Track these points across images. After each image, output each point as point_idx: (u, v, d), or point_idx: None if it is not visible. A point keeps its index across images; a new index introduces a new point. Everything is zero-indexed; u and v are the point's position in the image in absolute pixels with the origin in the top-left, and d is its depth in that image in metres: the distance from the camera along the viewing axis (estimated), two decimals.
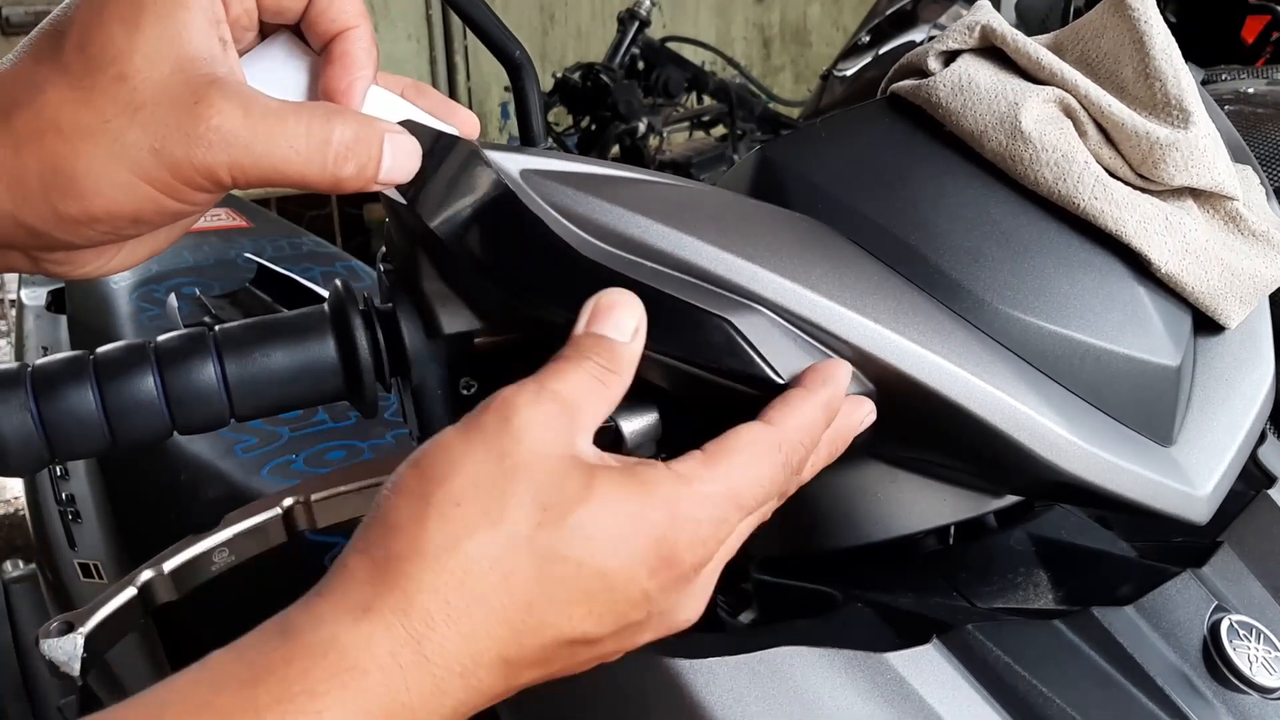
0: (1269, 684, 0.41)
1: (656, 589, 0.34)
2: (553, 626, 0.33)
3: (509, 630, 0.32)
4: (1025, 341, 0.42)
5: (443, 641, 0.31)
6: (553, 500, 0.33)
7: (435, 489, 0.33)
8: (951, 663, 0.41)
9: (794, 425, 0.37)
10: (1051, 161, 0.42)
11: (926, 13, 2.00)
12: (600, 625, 0.34)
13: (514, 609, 0.32)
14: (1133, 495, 0.42)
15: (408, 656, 0.31)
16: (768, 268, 0.39)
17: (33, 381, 0.39)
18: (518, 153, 0.41)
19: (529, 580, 0.32)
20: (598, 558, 0.33)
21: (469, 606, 0.32)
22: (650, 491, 0.34)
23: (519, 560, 0.32)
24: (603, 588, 0.33)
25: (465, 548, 0.32)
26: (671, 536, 0.34)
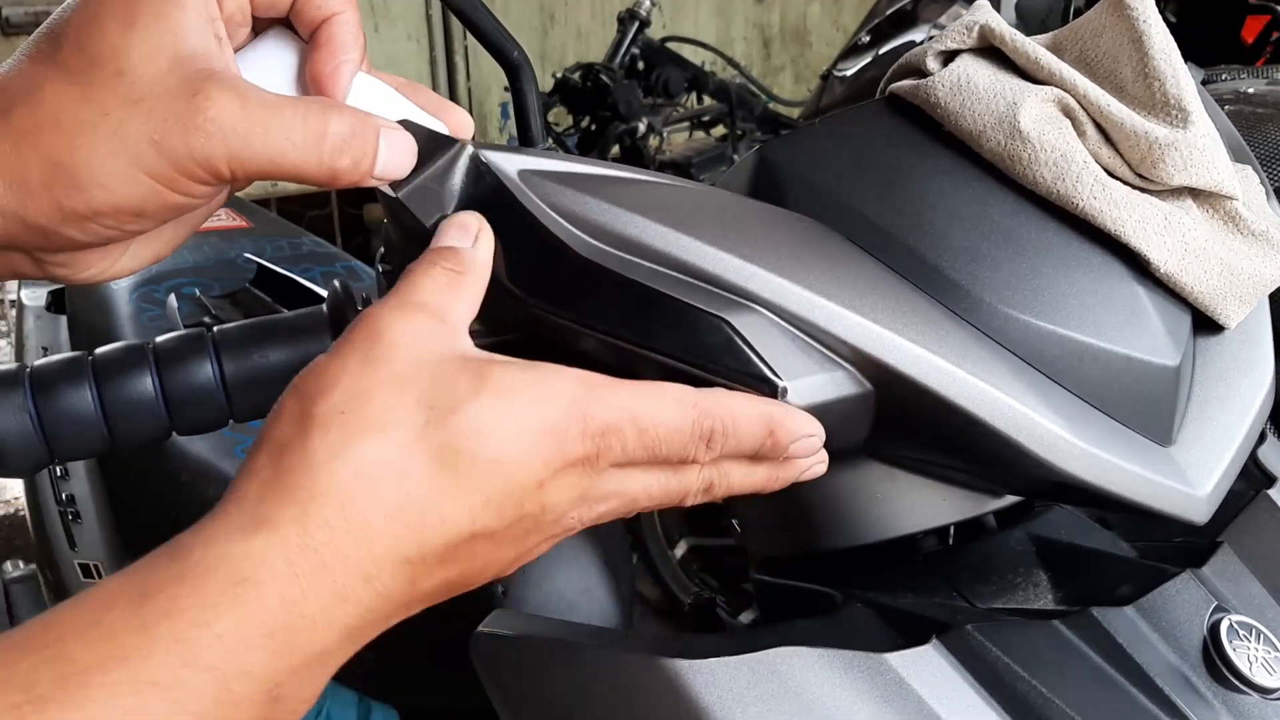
0: (1269, 684, 0.41)
1: (551, 480, 0.34)
2: (452, 521, 0.33)
3: (408, 529, 0.32)
4: (1024, 341, 0.42)
5: (341, 547, 0.31)
6: (441, 400, 0.33)
7: (316, 403, 0.33)
8: (951, 663, 0.41)
9: (723, 404, 0.37)
10: (1050, 161, 0.42)
11: (926, 13, 2.00)
12: (500, 517, 0.33)
13: (411, 506, 0.32)
14: (1132, 495, 0.42)
15: (304, 565, 0.30)
16: (766, 268, 0.39)
17: (32, 382, 0.39)
18: (515, 153, 0.41)
19: (424, 476, 0.32)
20: (492, 448, 0.33)
21: (365, 509, 0.31)
22: (549, 383, 0.34)
23: (412, 458, 0.32)
24: (500, 478, 0.33)
25: (354, 452, 0.32)
26: (565, 427, 0.34)
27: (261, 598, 0.29)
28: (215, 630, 0.29)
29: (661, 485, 0.38)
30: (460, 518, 0.33)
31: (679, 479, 0.38)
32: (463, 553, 0.34)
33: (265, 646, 0.29)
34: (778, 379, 0.38)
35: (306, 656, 0.31)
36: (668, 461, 0.37)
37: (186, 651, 0.28)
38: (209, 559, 0.30)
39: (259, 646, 0.29)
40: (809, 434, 0.38)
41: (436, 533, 0.32)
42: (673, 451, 0.36)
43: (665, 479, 0.38)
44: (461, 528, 0.33)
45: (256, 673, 0.29)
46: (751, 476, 0.39)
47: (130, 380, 0.40)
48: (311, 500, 0.31)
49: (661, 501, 0.38)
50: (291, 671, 0.30)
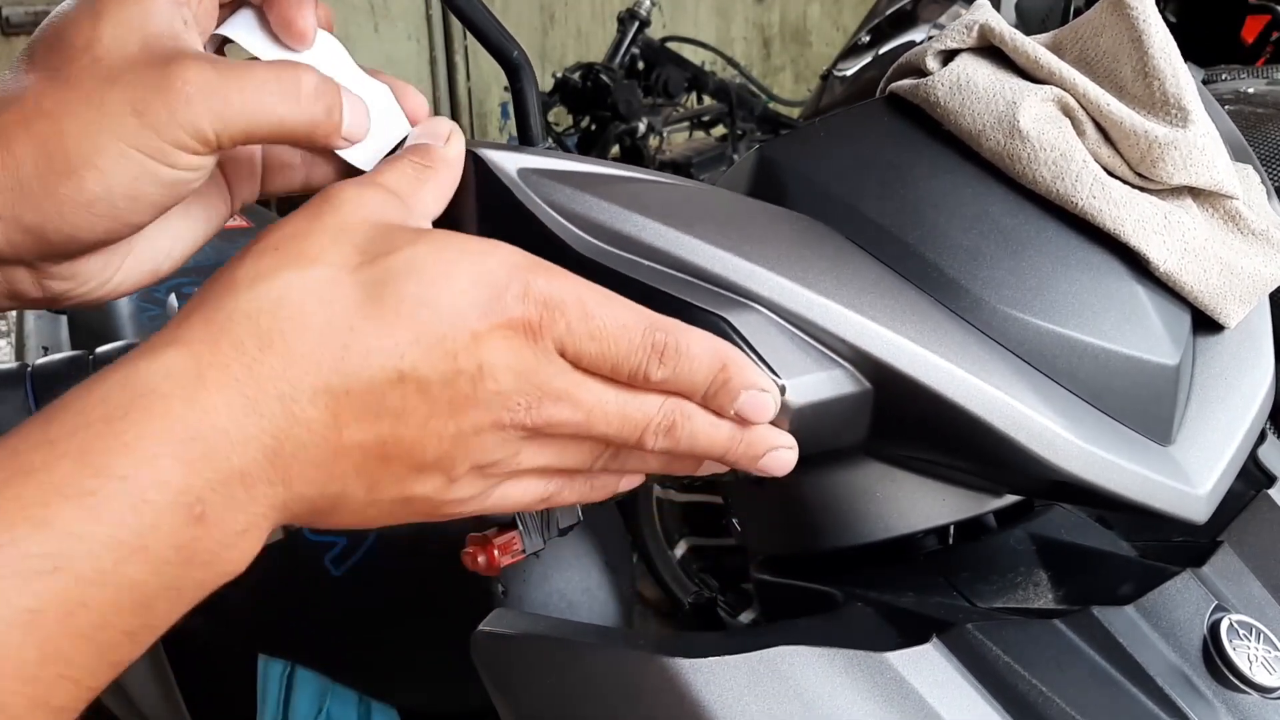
0: (1269, 683, 0.41)
1: (488, 335, 0.33)
2: (378, 354, 0.31)
3: (330, 355, 0.31)
4: (1023, 340, 0.42)
5: (253, 364, 0.30)
6: (377, 245, 0.33)
7: (252, 246, 0.33)
8: (951, 662, 0.41)
9: (676, 325, 0.36)
10: (1050, 160, 0.42)
11: (926, 13, 2.00)
12: (430, 362, 0.32)
13: (335, 331, 0.31)
14: (1131, 494, 0.42)
15: (214, 377, 0.29)
16: (765, 266, 0.39)
17: (33, 381, 0.39)
18: (515, 152, 0.41)
19: (351, 306, 0.31)
20: (424, 287, 0.32)
21: (285, 330, 0.30)
22: (495, 247, 0.34)
23: (340, 288, 0.31)
24: (430, 317, 0.32)
25: (280, 279, 0.31)
26: (505, 284, 0.33)
27: (169, 408, 0.29)
28: (123, 439, 0.28)
29: (618, 406, 0.36)
30: (387, 351, 0.31)
31: (638, 404, 0.36)
32: (392, 399, 0.32)
33: (178, 455, 0.28)
34: (777, 377, 0.38)
35: (224, 472, 0.29)
36: (618, 371, 0.35)
37: (96, 461, 0.27)
38: (117, 377, 0.29)
39: (171, 455, 0.28)
40: (761, 388, 0.37)
41: (360, 364, 0.31)
42: (622, 354, 0.35)
43: (622, 399, 0.36)
44: (388, 364, 0.31)
45: (173, 483, 0.28)
46: (716, 430, 0.37)
47: None
48: (228, 320, 0.30)
49: (620, 429, 0.36)
50: (210, 487, 0.29)
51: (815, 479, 0.48)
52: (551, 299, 0.34)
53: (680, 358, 0.36)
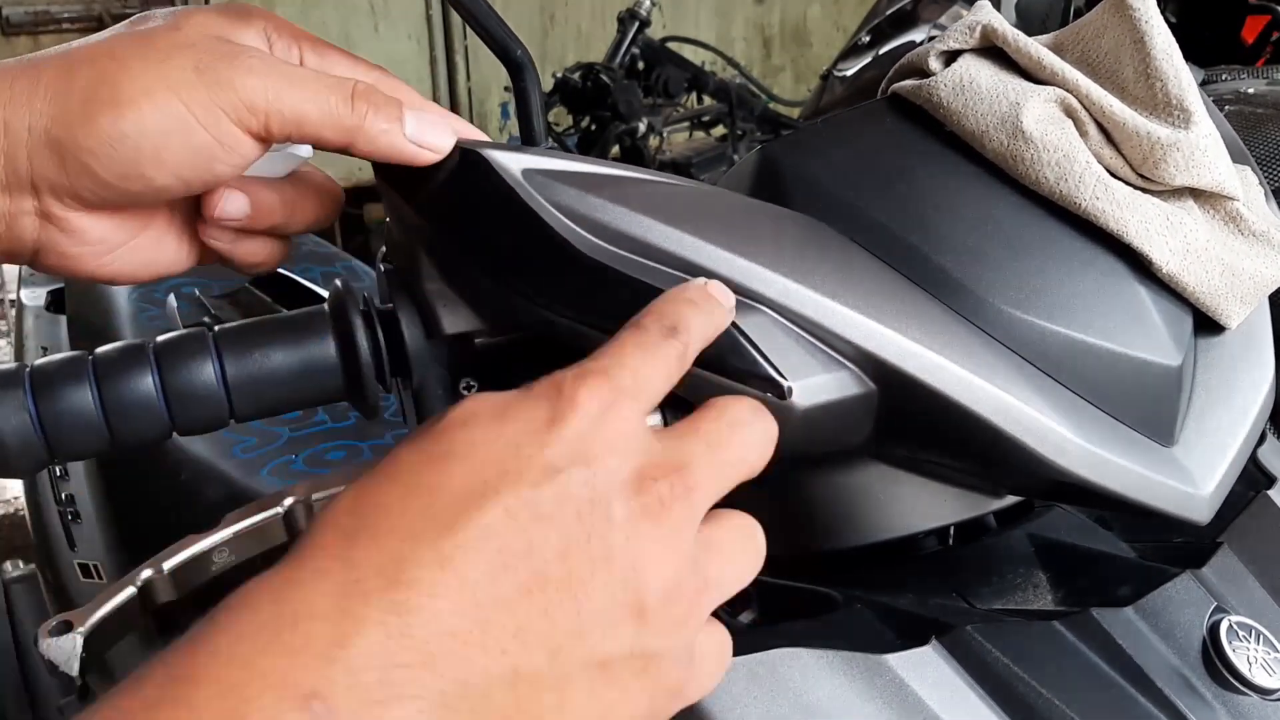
0: (1268, 685, 0.41)
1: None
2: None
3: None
4: (1027, 341, 0.42)
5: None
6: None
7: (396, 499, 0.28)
8: (951, 664, 0.41)
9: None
10: (1053, 161, 0.42)
11: (926, 13, 1.99)
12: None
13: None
14: (1134, 495, 0.42)
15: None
16: (769, 267, 0.39)
17: (31, 382, 0.39)
18: (519, 152, 0.41)
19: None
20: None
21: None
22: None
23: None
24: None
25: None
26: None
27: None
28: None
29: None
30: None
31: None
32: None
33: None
34: (783, 379, 0.38)
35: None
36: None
37: None
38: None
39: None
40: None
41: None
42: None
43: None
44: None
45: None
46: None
47: (130, 380, 0.40)
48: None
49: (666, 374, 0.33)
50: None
51: (815, 479, 0.48)
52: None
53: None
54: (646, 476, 0.29)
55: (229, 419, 0.42)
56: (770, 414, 0.34)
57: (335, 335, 0.43)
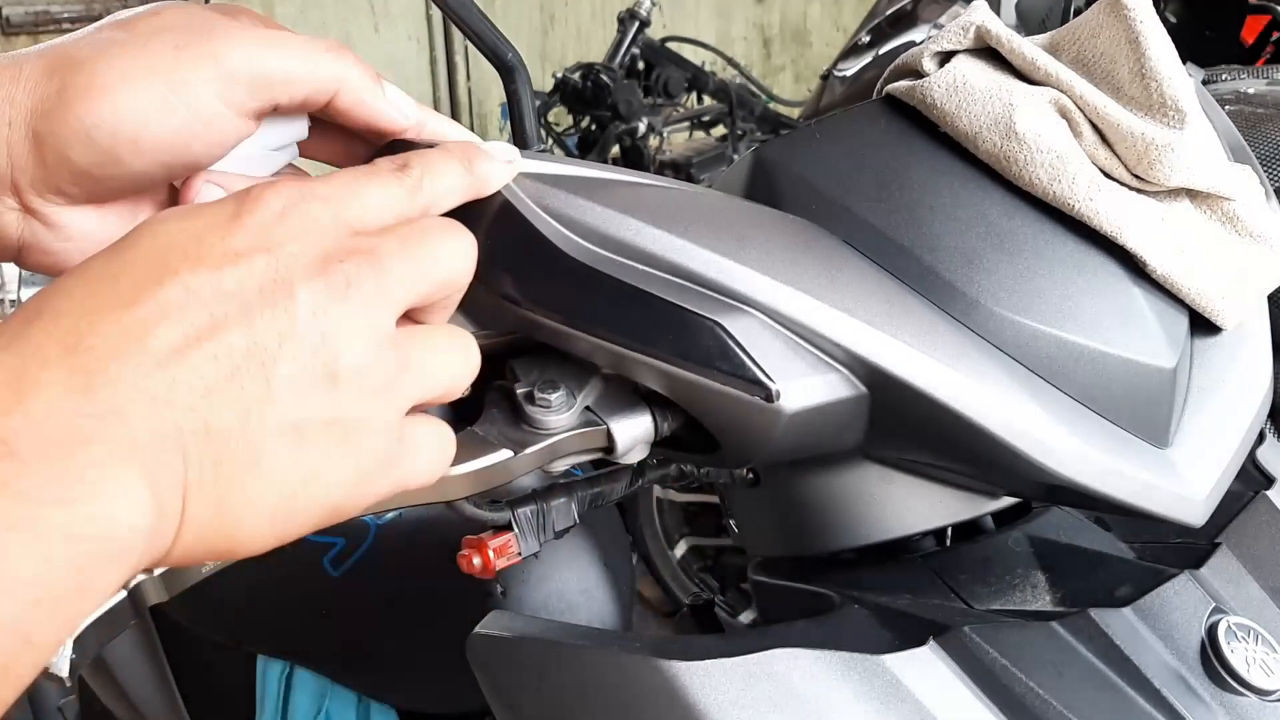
0: (1266, 685, 0.41)
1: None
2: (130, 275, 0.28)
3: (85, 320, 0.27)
4: (1020, 344, 0.41)
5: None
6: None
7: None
8: (948, 664, 0.41)
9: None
10: (1046, 162, 0.42)
11: (926, 13, 2.00)
12: (193, 256, 0.29)
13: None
14: (1127, 498, 0.42)
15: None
16: (759, 270, 0.39)
17: None
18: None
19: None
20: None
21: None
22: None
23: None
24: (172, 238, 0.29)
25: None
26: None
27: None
28: None
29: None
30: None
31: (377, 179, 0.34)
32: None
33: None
34: (771, 382, 0.38)
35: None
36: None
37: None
38: None
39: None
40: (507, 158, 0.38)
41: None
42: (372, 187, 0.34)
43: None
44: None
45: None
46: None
47: None
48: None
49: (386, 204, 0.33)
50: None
51: (812, 481, 0.48)
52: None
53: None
54: (332, 259, 0.30)
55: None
56: (467, 232, 0.35)
57: None
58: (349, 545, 0.87)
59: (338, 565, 0.86)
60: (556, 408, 0.40)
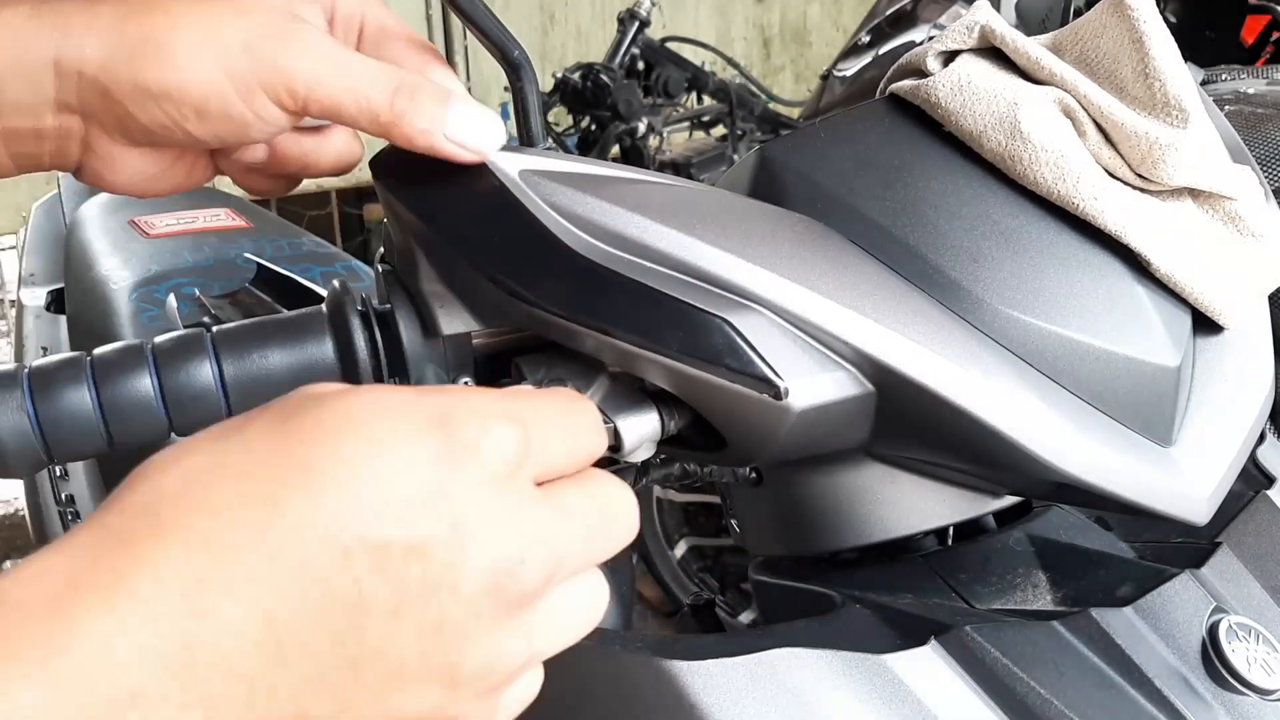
0: (1267, 685, 0.41)
1: (450, 480, 0.26)
2: (311, 527, 0.24)
3: (247, 536, 0.24)
4: (1024, 342, 0.42)
5: (144, 555, 0.23)
6: (291, 405, 0.27)
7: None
8: (950, 664, 0.41)
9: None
10: (1051, 162, 0.42)
11: (926, 13, 1.99)
12: (380, 528, 0.24)
13: (251, 506, 0.24)
14: (1131, 496, 0.42)
15: (93, 580, 0.23)
16: (767, 268, 0.39)
17: (30, 382, 0.39)
18: (516, 153, 0.41)
19: (272, 472, 0.25)
20: (360, 443, 0.25)
21: (188, 513, 0.24)
22: (425, 392, 0.28)
23: (255, 455, 0.26)
24: (369, 479, 0.25)
25: (187, 459, 0.26)
26: (454, 417, 0.27)
27: (29, 621, 0.22)
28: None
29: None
30: (322, 524, 0.25)
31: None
32: (340, 583, 0.25)
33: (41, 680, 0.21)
34: (780, 379, 0.38)
35: (105, 698, 0.22)
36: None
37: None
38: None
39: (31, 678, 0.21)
40: None
41: (289, 540, 0.24)
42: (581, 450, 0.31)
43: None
44: (327, 537, 0.24)
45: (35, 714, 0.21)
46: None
47: (129, 380, 0.40)
48: (118, 516, 0.25)
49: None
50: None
51: (815, 480, 0.48)
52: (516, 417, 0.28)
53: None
54: (517, 575, 0.26)
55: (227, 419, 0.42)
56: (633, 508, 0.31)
57: (333, 336, 0.43)
58: None
59: None
60: None
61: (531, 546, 0.27)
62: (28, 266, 1.46)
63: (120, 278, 1.17)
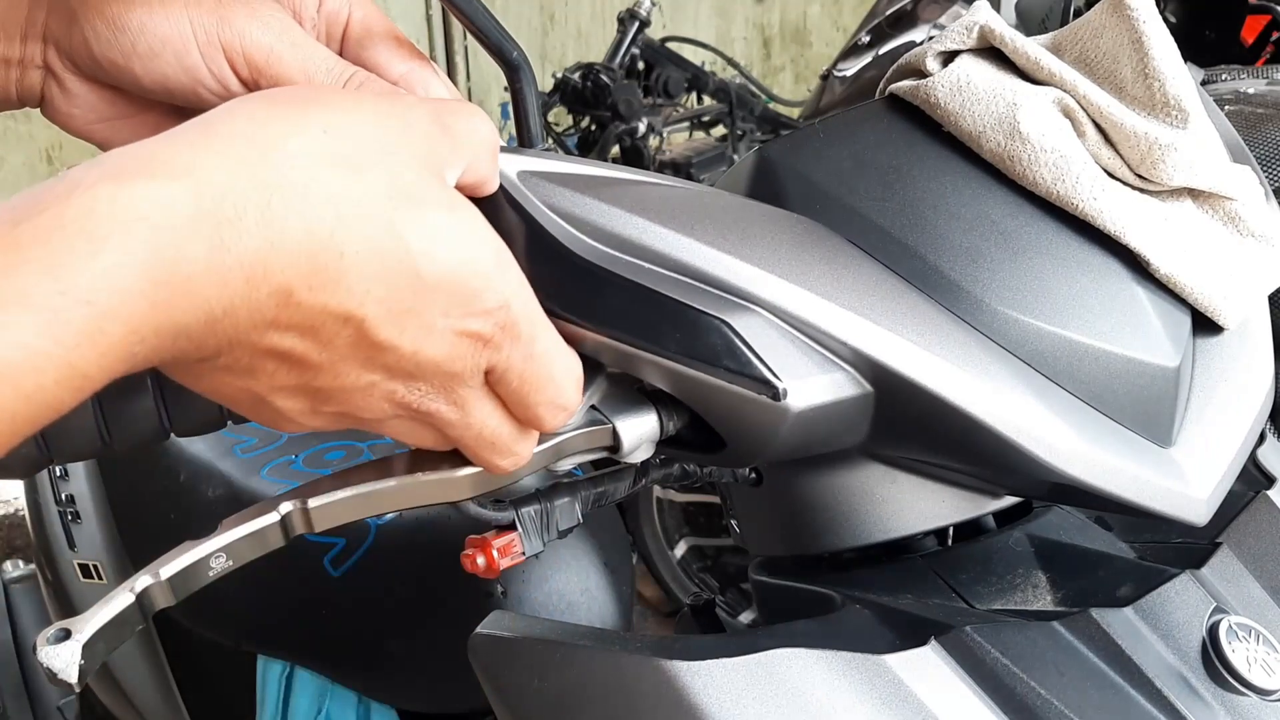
0: (1267, 685, 0.41)
1: (440, 329, 0.32)
2: (345, 289, 0.30)
3: (311, 264, 0.29)
4: (1024, 342, 0.42)
5: (242, 239, 0.28)
6: (420, 190, 0.32)
7: (311, 115, 0.31)
8: (949, 664, 0.41)
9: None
10: (1050, 162, 0.42)
11: (926, 13, 1.99)
12: (380, 313, 0.31)
13: (328, 249, 0.29)
14: (1131, 496, 0.42)
15: (206, 229, 0.27)
16: (765, 269, 0.39)
17: None
18: (514, 154, 0.41)
19: (361, 238, 0.30)
20: (428, 259, 0.31)
21: (286, 217, 0.28)
22: (490, 238, 0.34)
23: (365, 215, 0.30)
24: (414, 288, 0.31)
25: (327, 169, 0.30)
26: (484, 287, 0.33)
27: (149, 243, 0.26)
28: (100, 264, 0.25)
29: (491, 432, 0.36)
30: (353, 290, 0.30)
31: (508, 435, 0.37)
32: (330, 328, 0.31)
33: (148, 296, 0.26)
34: (778, 380, 0.38)
35: (172, 326, 0.27)
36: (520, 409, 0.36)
37: (66, 278, 0.25)
38: (104, 192, 0.26)
39: (142, 294, 0.26)
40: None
41: (327, 274, 0.29)
42: (532, 401, 0.36)
43: (499, 430, 0.36)
44: (348, 301, 0.30)
45: (131, 322, 0.26)
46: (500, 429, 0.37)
47: (128, 381, 0.40)
48: (223, 160, 0.28)
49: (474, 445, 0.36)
50: (157, 334, 0.27)
51: (815, 480, 0.48)
52: (513, 326, 0.34)
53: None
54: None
55: (225, 421, 0.42)
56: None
57: None
58: (349, 545, 0.87)
59: (338, 565, 0.86)
60: None
61: (439, 386, 0.34)
62: None
63: None
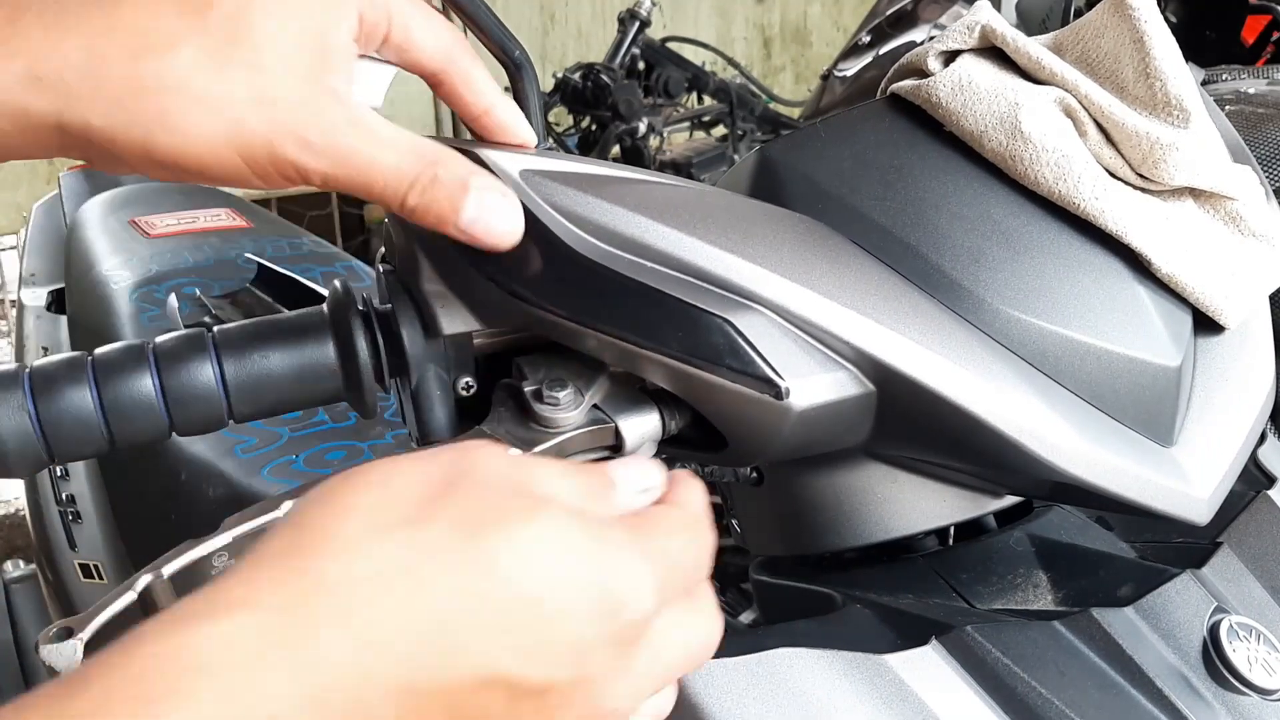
0: (1268, 685, 0.41)
1: (594, 640, 0.28)
2: (468, 654, 0.27)
3: (416, 647, 0.26)
4: (1026, 342, 0.42)
5: (329, 649, 0.25)
6: (491, 513, 0.28)
7: (358, 495, 0.28)
8: (950, 664, 0.41)
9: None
10: (1052, 162, 0.42)
11: (926, 13, 2.00)
12: (525, 667, 0.27)
13: (426, 623, 0.26)
14: (1133, 496, 0.42)
15: (278, 657, 0.24)
16: (768, 268, 0.39)
17: (31, 382, 0.39)
18: (517, 153, 0.41)
19: (449, 591, 0.27)
20: (533, 581, 0.27)
21: (370, 614, 0.26)
22: (602, 534, 0.29)
23: (440, 567, 0.27)
24: (535, 619, 0.27)
25: (377, 548, 0.27)
26: (628, 601, 0.29)
27: (216, 692, 0.23)
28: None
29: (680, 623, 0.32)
30: (477, 652, 0.27)
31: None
32: (470, 703, 0.27)
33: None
34: (781, 379, 0.38)
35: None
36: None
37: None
38: (169, 646, 0.24)
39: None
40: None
41: (447, 665, 0.27)
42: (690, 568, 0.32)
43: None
44: (476, 668, 0.27)
45: None
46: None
47: (130, 380, 0.40)
48: (310, 590, 0.26)
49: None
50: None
51: (816, 480, 0.48)
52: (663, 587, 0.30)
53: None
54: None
55: (228, 420, 0.42)
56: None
57: (334, 336, 0.43)
58: None
59: None
60: (565, 405, 0.40)
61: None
62: (28, 266, 1.46)
63: (121, 278, 1.17)
